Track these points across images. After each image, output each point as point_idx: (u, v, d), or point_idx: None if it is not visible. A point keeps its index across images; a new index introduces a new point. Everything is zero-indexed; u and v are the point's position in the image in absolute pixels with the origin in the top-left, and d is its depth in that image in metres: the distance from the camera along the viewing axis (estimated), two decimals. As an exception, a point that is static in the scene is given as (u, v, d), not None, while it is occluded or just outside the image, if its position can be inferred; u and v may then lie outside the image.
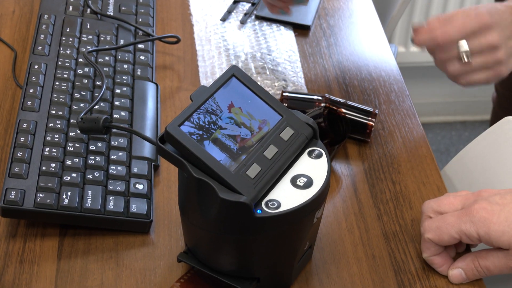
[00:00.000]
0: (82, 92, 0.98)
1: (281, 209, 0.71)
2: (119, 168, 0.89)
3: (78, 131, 0.91)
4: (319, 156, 0.76)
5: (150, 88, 1.03)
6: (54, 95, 0.96)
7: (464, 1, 2.09)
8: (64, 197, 0.84)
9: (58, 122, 0.92)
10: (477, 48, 0.95)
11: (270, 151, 0.74)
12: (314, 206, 0.73)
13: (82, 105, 0.96)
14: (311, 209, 0.73)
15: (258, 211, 0.70)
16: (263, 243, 0.74)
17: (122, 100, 0.98)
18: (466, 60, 0.95)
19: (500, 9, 0.96)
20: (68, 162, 0.88)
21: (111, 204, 0.85)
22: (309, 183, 0.73)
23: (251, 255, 0.76)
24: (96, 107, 0.96)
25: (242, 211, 0.70)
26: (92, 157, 0.89)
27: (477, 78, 0.98)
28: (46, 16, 1.08)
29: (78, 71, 1.01)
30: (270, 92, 1.00)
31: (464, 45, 0.94)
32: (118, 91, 0.99)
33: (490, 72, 0.97)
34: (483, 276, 0.82)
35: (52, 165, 0.87)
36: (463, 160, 1.00)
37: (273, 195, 0.72)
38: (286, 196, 0.72)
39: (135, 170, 0.90)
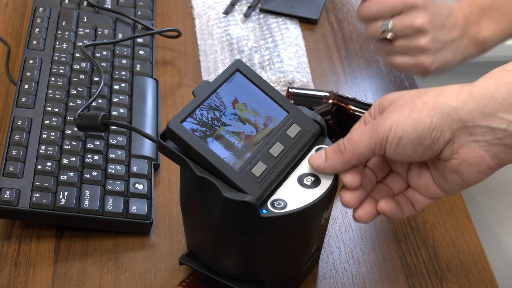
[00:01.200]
0: (79, 88, 0.99)
1: (288, 209, 0.72)
2: (118, 167, 0.90)
3: (75, 129, 0.92)
4: (327, 154, 0.77)
5: (150, 84, 1.04)
6: (49, 91, 0.98)
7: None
8: (60, 197, 0.85)
9: (54, 119, 0.94)
10: (399, 27, 0.97)
11: (276, 149, 0.75)
12: (322, 206, 0.74)
13: (79, 101, 0.97)
14: (319, 209, 0.74)
15: (264, 211, 0.72)
16: (268, 245, 0.75)
17: (120, 97, 0.99)
18: (386, 37, 0.97)
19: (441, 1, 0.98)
20: (65, 161, 0.89)
21: (109, 205, 0.86)
22: (316, 182, 0.74)
23: (255, 257, 0.77)
24: (94, 104, 0.97)
25: (247, 211, 0.71)
26: (89, 156, 0.90)
27: (397, 61, 1.00)
28: (41, 9, 1.10)
29: (75, 66, 1.02)
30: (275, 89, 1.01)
31: (385, 22, 0.97)
32: (116, 87, 1.01)
33: (412, 59, 0.99)
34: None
35: (48, 164, 0.88)
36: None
37: (279, 194, 0.73)
38: (293, 196, 0.73)
39: (134, 169, 0.91)
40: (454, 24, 0.99)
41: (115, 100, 0.99)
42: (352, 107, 1.00)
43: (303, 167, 0.76)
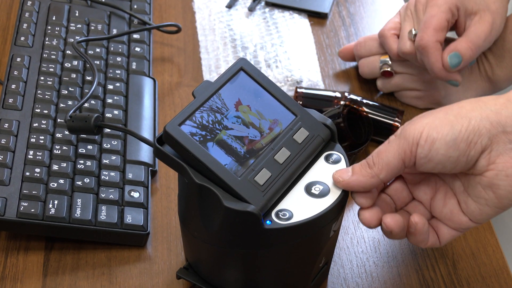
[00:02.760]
0: (70, 88, 1.00)
1: (293, 220, 0.72)
2: (112, 173, 0.91)
3: (66, 132, 0.93)
4: (337, 161, 0.78)
5: (147, 84, 1.05)
6: (38, 92, 0.98)
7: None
8: (50, 206, 0.86)
9: (43, 121, 0.94)
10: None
11: (282, 155, 0.75)
12: (331, 217, 0.75)
13: (70, 102, 0.98)
14: (327, 221, 0.75)
15: (268, 222, 0.72)
16: (272, 259, 0.75)
17: (115, 97, 1.00)
18: (386, 69, 1.05)
19: None
20: (55, 167, 0.90)
21: (103, 214, 0.87)
22: (325, 192, 0.75)
23: (259, 272, 0.77)
24: (86, 105, 0.98)
25: (249, 221, 0.71)
26: (81, 162, 0.91)
27: (408, 96, 1.08)
28: (29, 3, 1.10)
29: (66, 64, 1.03)
30: (282, 89, 1.02)
31: (383, 59, 1.05)
32: (110, 87, 1.01)
33: (421, 93, 1.06)
34: None
35: (37, 170, 0.89)
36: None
37: (284, 204, 0.74)
38: (299, 206, 0.73)
39: (130, 176, 0.91)
40: None
41: (109, 101, 0.99)
42: (366, 109, 1.01)
43: (311, 175, 0.76)
